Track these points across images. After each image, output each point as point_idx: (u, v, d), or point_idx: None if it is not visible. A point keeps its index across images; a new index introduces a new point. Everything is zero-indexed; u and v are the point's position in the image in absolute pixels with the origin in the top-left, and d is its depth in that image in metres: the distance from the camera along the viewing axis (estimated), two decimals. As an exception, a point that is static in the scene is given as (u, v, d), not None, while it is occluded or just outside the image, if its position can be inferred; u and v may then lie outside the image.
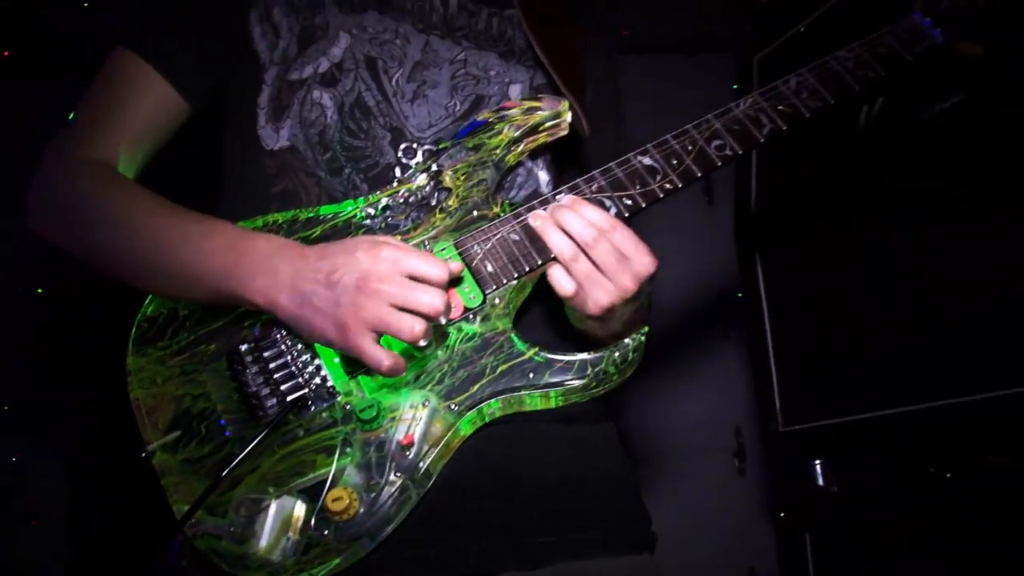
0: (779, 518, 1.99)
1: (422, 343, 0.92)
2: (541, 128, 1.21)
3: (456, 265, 1.03)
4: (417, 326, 0.92)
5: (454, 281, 1.04)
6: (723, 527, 2.86)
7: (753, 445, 2.99)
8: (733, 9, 2.50)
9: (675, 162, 1.12)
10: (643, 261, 1.03)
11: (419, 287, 0.94)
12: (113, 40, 1.21)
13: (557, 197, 1.11)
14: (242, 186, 1.23)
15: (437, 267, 0.96)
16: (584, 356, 1.03)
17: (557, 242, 1.03)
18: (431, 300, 0.93)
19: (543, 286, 1.12)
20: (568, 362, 1.03)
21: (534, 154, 1.27)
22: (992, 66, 1.27)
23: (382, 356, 0.92)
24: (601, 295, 1.03)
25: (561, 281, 1.03)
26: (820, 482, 1.89)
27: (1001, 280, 1.48)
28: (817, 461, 1.90)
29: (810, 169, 1.92)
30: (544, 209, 1.08)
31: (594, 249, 1.02)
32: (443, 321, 0.96)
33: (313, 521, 0.95)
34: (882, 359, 1.72)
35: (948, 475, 1.74)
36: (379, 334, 0.94)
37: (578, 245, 1.03)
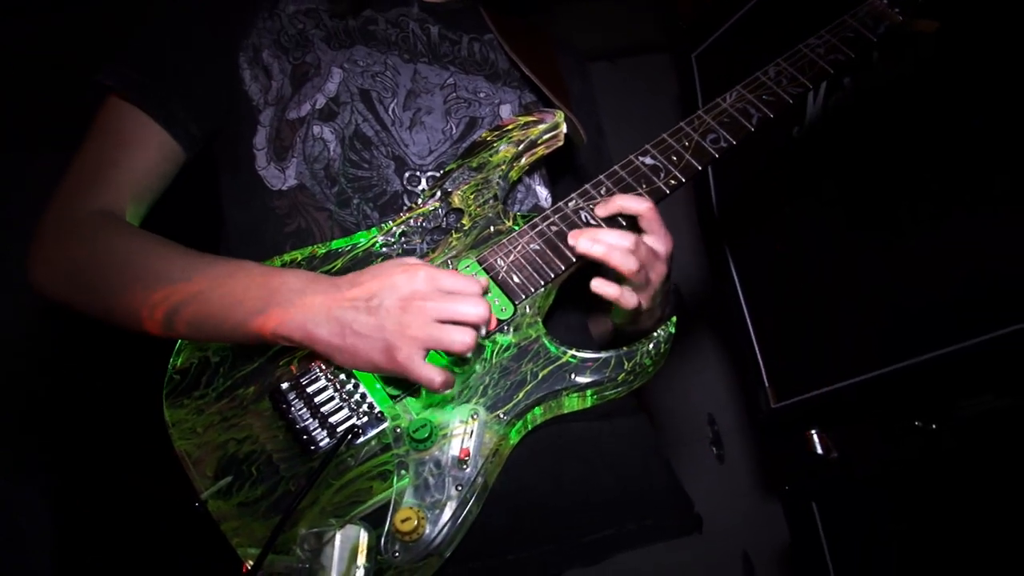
0: (784, 491, 2.04)
1: (470, 353, 0.94)
2: (540, 141, 1.24)
3: (484, 279, 1.05)
4: (467, 336, 0.93)
5: (486, 292, 1.06)
6: (710, 516, 2.88)
7: (729, 431, 3.04)
8: (655, 14, 2.57)
9: (675, 159, 1.16)
10: (668, 242, 1.11)
11: (460, 298, 0.96)
12: (103, 91, 1.20)
13: (568, 204, 1.14)
14: (252, 230, 1.22)
15: (471, 281, 0.99)
16: (618, 352, 1.06)
17: (621, 261, 1.05)
18: (475, 309, 0.95)
19: (561, 295, 1.15)
20: (605, 359, 1.05)
21: (530, 170, 1.30)
22: (945, 38, 1.34)
23: (434, 373, 0.94)
24: (645, 287, 1.10)
25: (607, 290, 1.06)
26: (819, 451, 1.95)
27: (955, 238, 1.56)
28: (813, 431, 1.95)
29: (766, 152, 1.99)
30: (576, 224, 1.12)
31: (637, 251, 1.06)
32: (483, 332, 0.98)
33: (383, 544, 0.95)
34: (859, 325, 1.79)
35: (933, 426, 1.82)
36: (426, 351, 0.94)
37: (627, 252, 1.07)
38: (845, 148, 1.79)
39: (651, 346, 1.06)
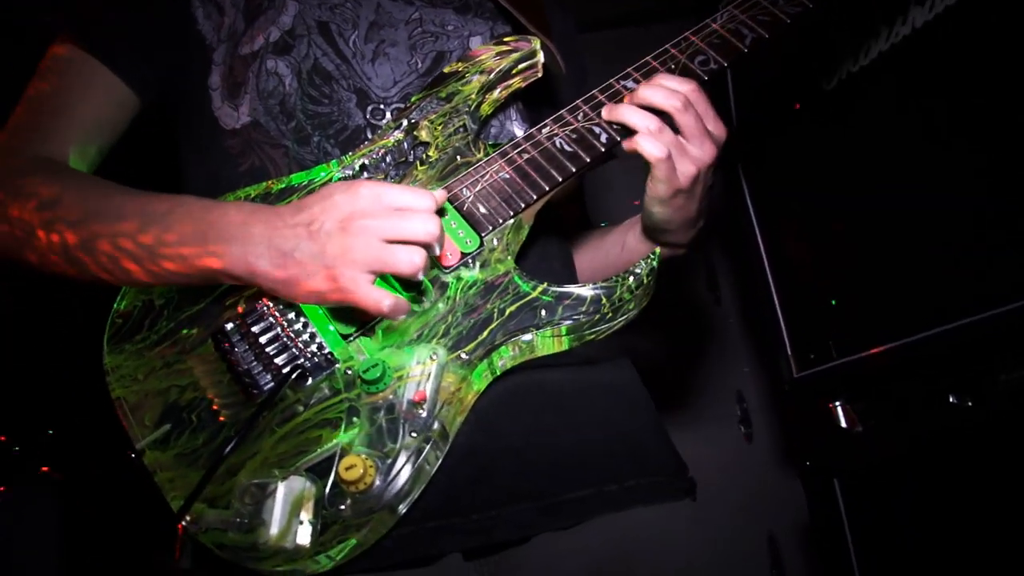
0: (805, 467, 1.90)
1: (421, 275, 0.84)
2: (515, 71, 1.14)
3: (440, 193, 0.94)
4: (416, 256, 0.83)
5: (441, 211, 0.96)
6: (737, 497, 2.77)
7: (757, 410, 2.92)
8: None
9: None
10: (720, 127, 1.03)
11: (407, 214, 0.85)
12: (52, 32, 1.13)
13: (542, 131, 1.03)
14: (206, 172, 1.14)
15: (422, 195, 0.88)
16: (596, 288, 0.95)
17: (639, 120, 1.00)
18: (424, 225, 0.84)
19: (538, 227, 1.05)
20: (579, 295, 0.95)
21: (505, 104, 1.20)
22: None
23: (380, 295, 0.84)
24: (688, 165, 1.01)
25: (650, 147, 0.99)
26: (843, 424, 1.81)
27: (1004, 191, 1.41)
28: (837, 403, 1.82)
29: (793, 105, 1.85)
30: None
31: (683, 115, 0.99)
32: (438, 250, 0.87)
33: (327, 496, 0.85)
34: (887, 289, 1.65)
35: (969, 403, 1.67)
36: (374, 275, 0.85)
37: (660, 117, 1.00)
38: (888, 97, 1.64)
39: (631, 280, 0.95)
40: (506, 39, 1.15)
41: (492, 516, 0.93)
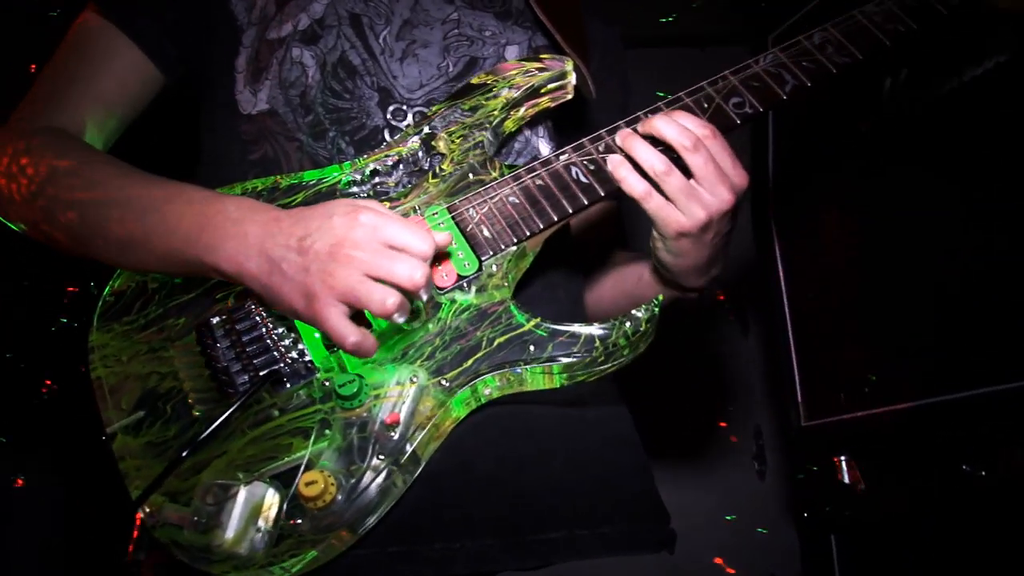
0: (802, 519, 1.86)
1: (397, 319, 0.81)
2: (543, 91, 1.11)
3: (444, 236, 0.91)
4: (390, 299, 0.79)
5: (449, 248, 0.94)
6: (743, 533, 2.74)
7: (773, 448, 2.87)
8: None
9: None
10: (741, 173, 0.96)
11: (398, 256, 0.82)
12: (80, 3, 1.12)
13: (560, 157, 1.00)
14: (218, 155, 1.13)
15: (421, 238, 0.83)
16: (591, 328, 0.92)
17: (647, 156, 0.94)
18: (409, 271, 0.81)
19: (546, 256, 1.02)
20: (574, 334, 0.92)
21: (534, 122, 1.17)
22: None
23: (347, 331, 0.81)
24: (697, 209, 0.94)
25: (629, 182, 0.95)
26: (846, 480, 1.76)
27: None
28: (842, 457, 1.77)
29: (829, 148, 1.80)
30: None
31: (692, 155, 0.93)
32: (424, 297, 0.84)
33: (286, 509, 0.84)
34: (908, 348, 1.59)
35: (983, 473, 1.62)
36: (349, 306, 0.82)
37: (672, 158, 0.94)
38: (924, 151, 1.58)
39: (628, 325, 0.92)
40: (540, 56, 1.12)
41: (455, 548, 0.91)
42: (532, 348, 0.91)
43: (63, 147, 1.01)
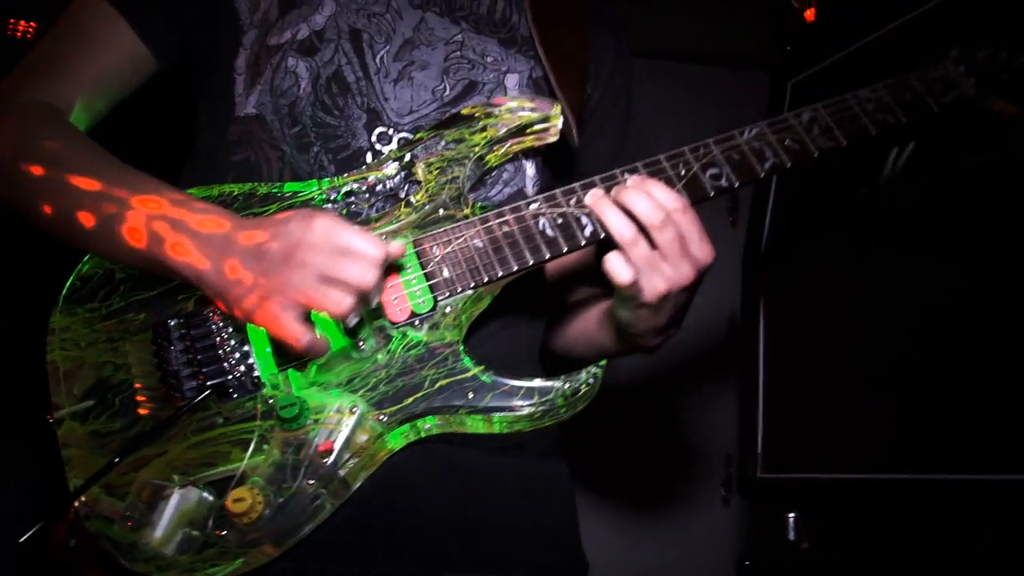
0: (743, 566, 1.94)
1: (350, 320, 0.89)
2: (529, 131, 1.16)
3: (397, 247, 0.97)
4: (345, 300, 0.88)
5: (398, 267, 1.00)
6: (698, 559, 2.84)
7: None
8: (771, 29, 2.44)
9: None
10: (706, 250, 1.01)
11: (351, 259, 0.89)
12: None
13: (529, 206, 1.06)
14: (207, 151, 1.19)
15: (373, 243, 0.91)
16: (533, 383, 0.99)
17: (616, 224, 1.00)
18: (361, 273, 0.88)
19: (503, 300, 1.08)
20: (514, 387, 0.98)
21: (527, 153, 1.22)
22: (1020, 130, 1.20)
23: (299, 331, 0.89)
24: (658, 282, 1.00)
25: (617, 268, 0.99)
26: (791, 536, 1.84)
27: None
28: (792, 514, 1.84)
29: (829, 210, 1.85)
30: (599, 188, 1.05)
31: (660, 232, 0.98)
32: (375, 301, 0.92)
33: (213, 519, 0.91)
34: (875, 421, 1.66)
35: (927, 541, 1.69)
36: (304, 308, 0.90)
37: (640, 227, 1.00)
38: (922, 226, 1.63)
39: (568, 387, 0.98)
40: (531, 96, 1.17)
41: (370, 572, 0.98)
42: (471, 396, 0.97)
43: (50, 125, 1.07)
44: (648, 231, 0.99)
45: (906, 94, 1.14)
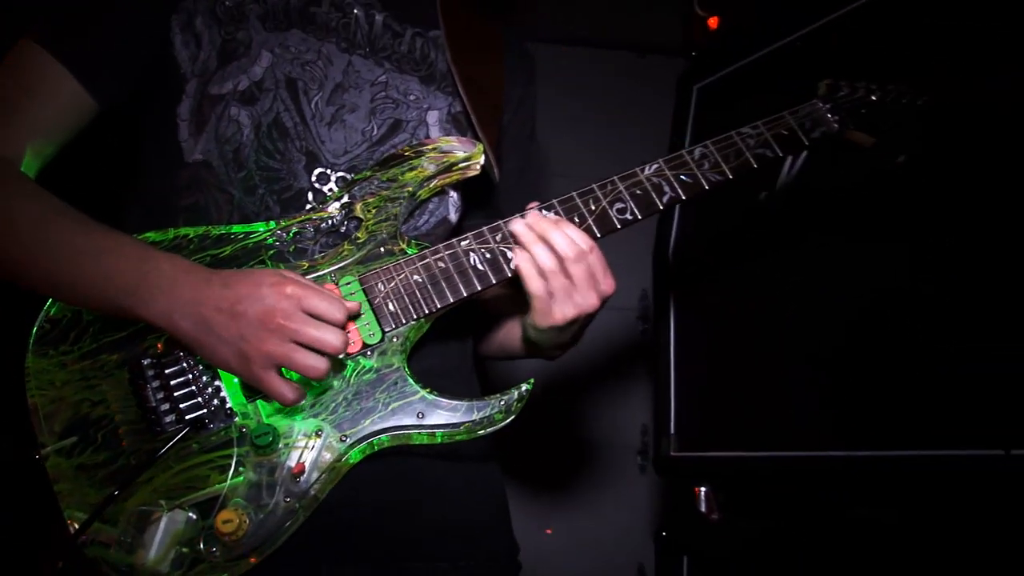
0: (660, 537, 2.24)
1: (325, 379, 1.09)
2: (455, 168, 1.36)
3: (354, 304, 1.19)
4: (321, 364, 1.08)
5: (355, 316, 1.20)
6: (618, 522, 3.17)
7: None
8: (675, 27, 2.70)
9: (577, 220, 1.29)
10: (609, 283, 1.27)
11: (322, 326, 1.09)
12: (21, 30, 1.28)
13: (461, 243, 1.27)
14: (151, 195, 1.34)
15: (337, 308, 1.12)
16: (471, 402, 1.21)
17: (540, 254, 1.23)
18: (332, 340, 1.09)
19: (439, 322, 1.29)
20: (456, 405, 1.21)
21: (450, 185, 1.43)
22: (879, 154, 1.48)
23: (286, 390, 1.08)
24: (569, 308, 1.25)
25: (534, 282, 1.23)
26: (703, 508, 2.14)
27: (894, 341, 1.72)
28: (702, 488, 2.14)
29: (732, 211, 2.12)
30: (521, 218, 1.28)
31: (573, 265, 1.22)
32: (342, 357, 1.12)
33: (202, 539, 1.11)
34: (775, 403, 1.96)
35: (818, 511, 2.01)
36: (281, 367, 1.09)
37: (558, 259, 1.23)
38: (812, 223, 1.92)
39: (503, 402, 1.21)
40: (454, 137, 1.37)
41: (337, 571, 1.20)
42: (420, 416, 1.19)
43: (4, 179, 1.21)
44: (563, 263, 1.23)
45: (782, 130, 1.41)
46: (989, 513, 1.61)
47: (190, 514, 1.12)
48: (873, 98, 1.45)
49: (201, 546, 1.11)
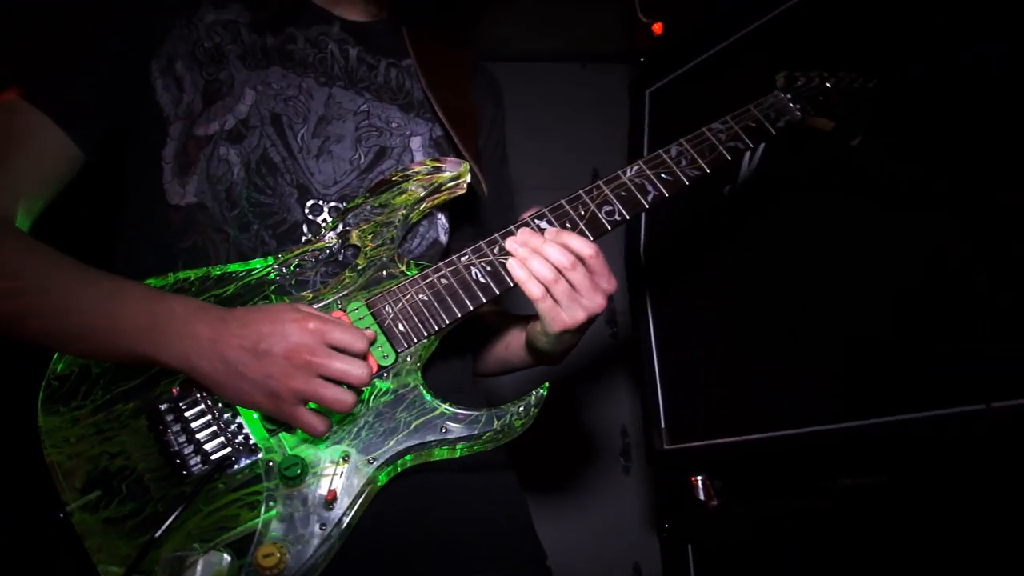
0: (663, 530, 2.27)
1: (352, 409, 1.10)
2: (443, 188, 1.39)
3: (370, 333, 1.20)
4: (348, 397, 1.09)
5: (372, 343, 1.21)
6: (608, 524, 3.20)
7: (639, 445, 3.34)
8: (622, 35, 2.78)
9: (569, 227, 1.32)
10: (612, 281, 1.30)
11: (346, 359, 1.10)
12: (2, 84, 1.27)
13: (461, 259, 1.29)
14: (145, 241, 1.34)
15: (359, 339, 1.13)
16: (490, 411, 1.23)
17: (538, 268, 1.25)
18: (359, 372, 1.10)
19: (443, 340, 1.31)
20: (476, 416, 1.22)
21: (437, 207, 1.45)
22: (838, 137, 1.56)
23: (316, 422, 1.09)
24: (578, 312, 1.28)
25: (537, 294, 1.26)
26: (701, 496, 2.18)
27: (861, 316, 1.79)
28: (699, 477, 2.18)
29: (698, 205, 2.19)
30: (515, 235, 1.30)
31: (571, 273, 1.25)
32: (365, 389, 1.13)
33: (244, 575, 1.10)
34: (759, 384, 2.02)
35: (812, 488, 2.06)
36: (308, 402, 1.09)
37: (558, 269, 1.26)
38: (775, 211, 1.99)
39: (521, 408, 1.24)
40: (440, 158, 1.40)
41: None
42: (443, 430, 1.21)
43: (3, 236, 1.19)
44: (563, 273, 1.26)
45: (749, 122, 1.47)
46: (976, 470, 1.68)
47: (225, 555, 1.11)
48: (828, 85, 1.52)
49: (243, 584, 1.10)
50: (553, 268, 1.25)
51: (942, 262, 1.62)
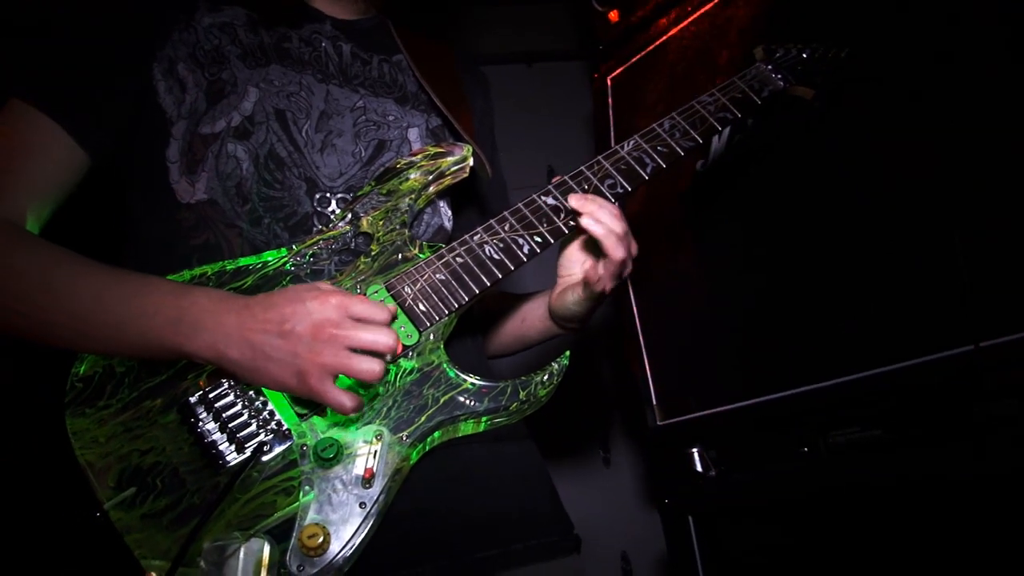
0: (663, 504, 2.28)
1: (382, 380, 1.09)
2: (447, 172, 1.39)
3: (392, 306, 1.20)
4: (376, 366, 1.07)
5: (394, 318, 1.21)
6: (593, 516, 3.21)
7: (617, 435, 3.36)
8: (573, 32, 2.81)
9: None
10: (635, 247, 1.36)
11: (371, 327, 1.10)
12: (7, 91, 1.26)
13: (473, 238, 1.30)
14: (157, 241, 1.32)
15: (380, 309, 1.13)
16: (515, 381, 1.24)
17: (605, 217, 1.31)
18: (385, 339, 1.09)
19: (461, 319, 1.32)
20: (502, 388, 1.23)
21: (440, 193, 1.46)
22: (817, 104, 1.60)
23: (345, 399, 1.08)
24: (620, 250, 1.32)
25: (600, 231, 1.30)
26: (699, 468, 2.20)
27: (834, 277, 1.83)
28: (694, 449, 2.20)
29: (671, 183, 2.22)
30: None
31: (623, 240, 1.31)
32: (390, 359, 1.13)
33: (289, 559, 1.09)
34: (744, 354, 2.05)
35: (805, 449, 2.10)
36: (336, 377, 1.09)
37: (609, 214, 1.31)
38: (748, 184, 2.03)
39: (545, 377, 1.24)
40: (442, 143, 1.41)
41: (417, 573, 1.19)
42: (471, 403, 1.21)
43: (19, 244, 1.17)
44: (601, 241, 1.31)
45: (735, 93, 1.50)
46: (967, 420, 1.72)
47: (266, 542, 1.10)
48: (804, 55, 1.56)
49: (286, 568, 1.09)
50: (626, 225, 1.32)
51: (919, 223, 1.66)
